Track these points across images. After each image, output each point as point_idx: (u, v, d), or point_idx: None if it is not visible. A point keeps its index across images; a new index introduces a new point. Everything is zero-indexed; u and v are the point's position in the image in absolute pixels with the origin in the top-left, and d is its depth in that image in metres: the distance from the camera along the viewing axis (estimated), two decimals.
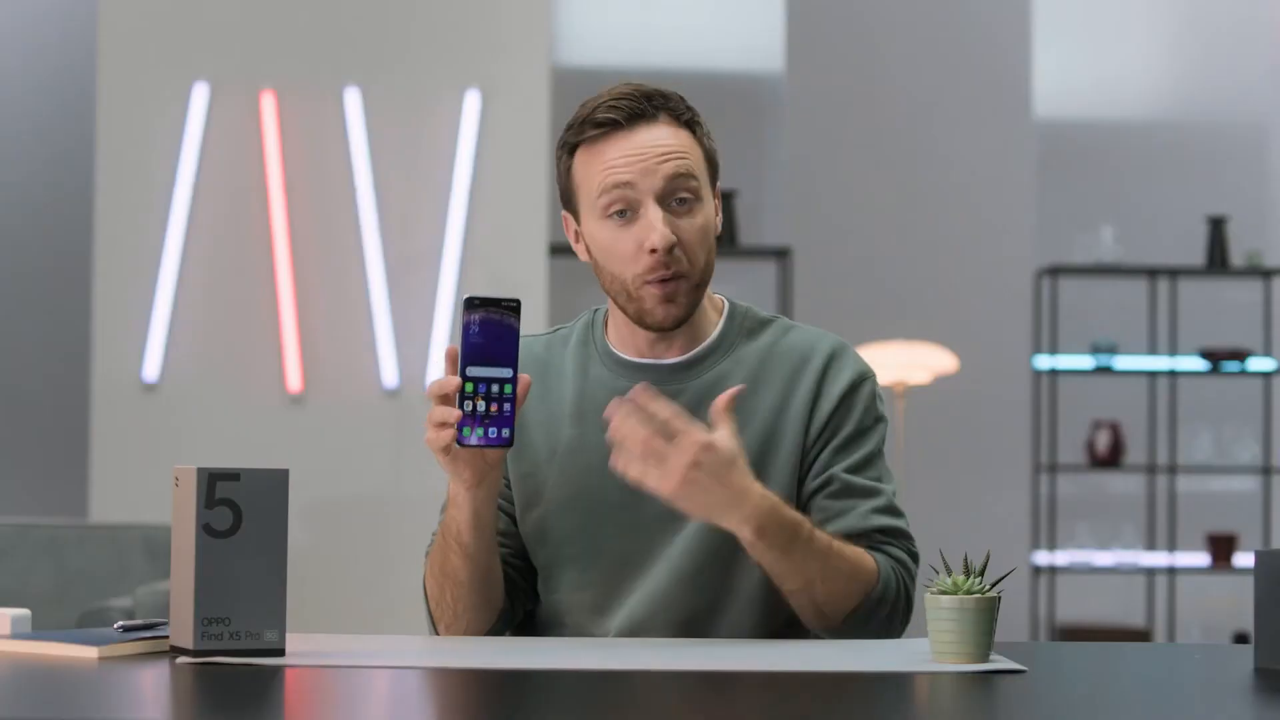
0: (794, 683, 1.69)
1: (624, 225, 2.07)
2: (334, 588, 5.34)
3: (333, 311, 5.46)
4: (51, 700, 1.57)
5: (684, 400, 2.12)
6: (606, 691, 1.66)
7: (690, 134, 2.11)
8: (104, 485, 5.39)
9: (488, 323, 1.89)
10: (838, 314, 6.68)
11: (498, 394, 1.90)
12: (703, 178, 2.10)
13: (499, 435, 1.90)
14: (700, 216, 2.09)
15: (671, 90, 2.13)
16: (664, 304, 2.08)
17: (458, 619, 2.09)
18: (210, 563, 1.76)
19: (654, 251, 2.05)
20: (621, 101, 2.08)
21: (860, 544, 2.07)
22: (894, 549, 2.09)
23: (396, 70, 5.52)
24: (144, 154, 5.45)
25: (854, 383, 2.14)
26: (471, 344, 1.89)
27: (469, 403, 1.89)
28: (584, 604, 2.11)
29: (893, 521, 2.11)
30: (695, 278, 2.08)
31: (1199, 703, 1.67)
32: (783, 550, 1.97)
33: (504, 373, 1.90)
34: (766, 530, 1.95)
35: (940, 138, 7.03)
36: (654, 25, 6.93)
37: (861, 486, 2.10)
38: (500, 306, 1.89)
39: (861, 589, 2.03)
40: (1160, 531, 7.06)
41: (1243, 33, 7.28)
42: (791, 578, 2.00)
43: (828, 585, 2.00)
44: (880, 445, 2.15)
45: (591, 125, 2.08)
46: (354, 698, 1.61)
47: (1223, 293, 7.16)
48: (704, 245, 2.09)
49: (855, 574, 2.02)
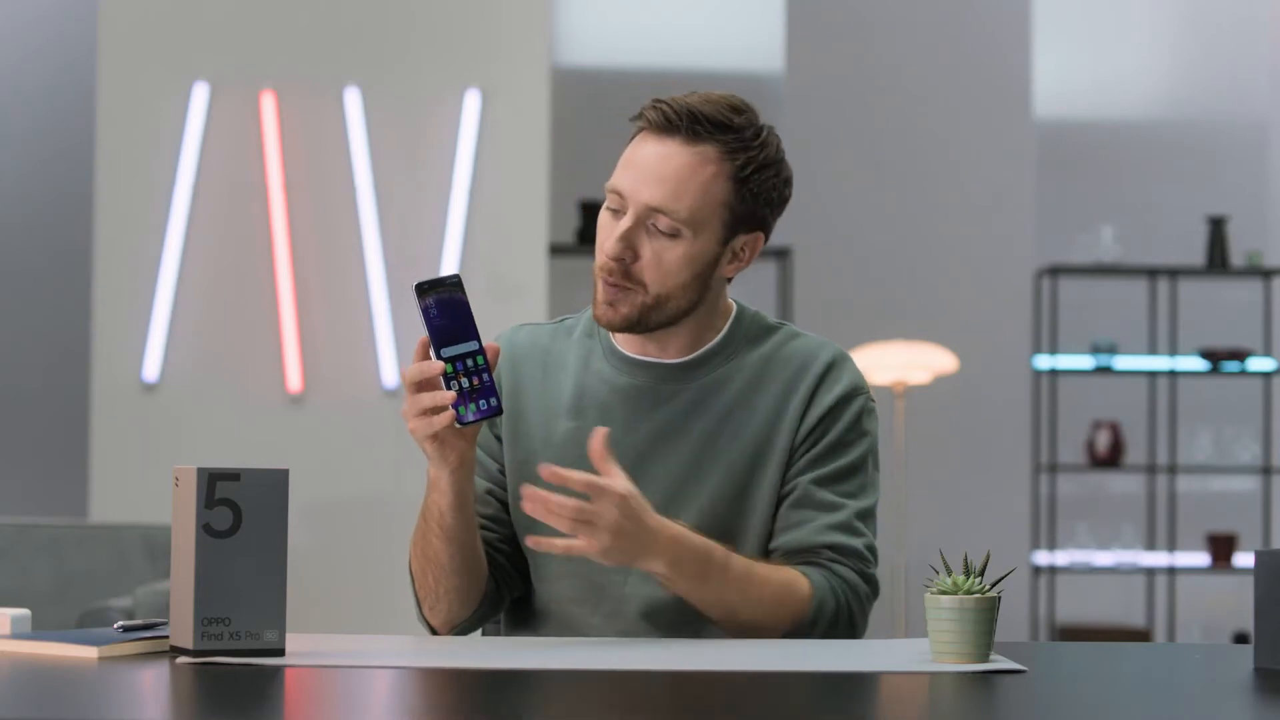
0: (794, 682, 1.69)
1: (612, 219, 2.09)
2: (334, 588, 5.34)
3: (333, 311, 5.46)
4: (51, 700, 1.57)
5: (681, 401, 2.13)
6: (605, 691, 1.66)
7: (729, 175, 2.05)
8: (104, 485, 5.39)
9: (441, 303, 1.93)
10: (838, 314, 6.68)
11: (473, 367, 1.93)
12: (704, 217, 2.05)
13: (490, 405, 1.94)
14: (680, 249, 2.05)
15: (757, 127, 2.06)
16: (604, 304, 2.08)
17: (440, 600, 2.09)
18: (210, 563, 1.76)
19: (604, 253, 2.07)
20: (668, 109, 2.05)
21: (804, 559, 2.06)
22: (842, 568, 2.06)
23: (396, 70, 5.52)
24: (144, 154, 5.45)
25: (845, 395, 2.12)
26: (435, 327, 1.92)
27: (454, 382, 1.92)
28: (571, 594, 2.12)
29: (846, 540, 2.08)
30: (649, 299, 2.06)
31: (1199, 703, 1.67)
32: (698, 579, 1.97)
33: (471, 345, 1.93)
34: (679, 562, 1.96)
35: (940, 138, 7.03)
36: (654, 25, 6.93)
37: (823, 500, 2.09)
38: (446, 285, 1.93)
39: (790, 613, 2.01)
40: (1160, 531, 7.06)
41: (1243, 33, 7.28)
42: (711, 607, 2.00)
43: (750, 610, 2.00)
44: (862, 461, 2.12)
45: (640, 114, 2.08)
46: (354, 698, 1.61)
47: (1223, 293, 7.16)
48: (668, 275, 2.05)
49: (782, 598, 2.01)
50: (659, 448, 2.11)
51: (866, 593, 2.07)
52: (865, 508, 2.11)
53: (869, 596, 2.08)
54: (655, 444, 2.12)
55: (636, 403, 2.13)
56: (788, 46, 6.89)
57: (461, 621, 2.12)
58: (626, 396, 2.14)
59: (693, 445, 2.11)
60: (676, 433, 2.12)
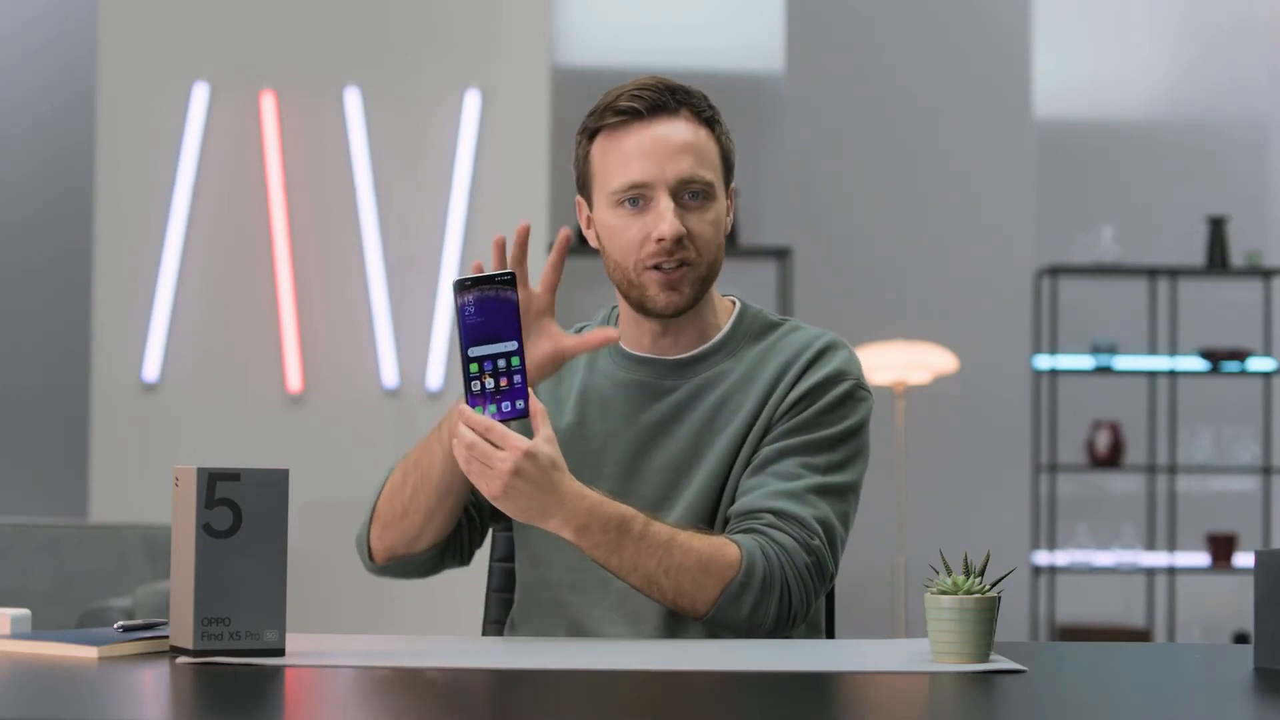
0: (793, 683, 1.69)
1: (635, 213, 2.10)
2: (334, 588, 5.34)
3: (333, 311, 5.46)
4: (51, 700, 1.57)
5: (678, 395, 2.15)
6: (605, 691, 1.66)
7: (709, 131, 2.13)
8: (104, 485, 5.39)
9: (483, 300, 1.89)
10: (838, 314, 6.68)
11: (505, 368, 1.90)
12: (717, 176, 2.13)
13: (513, 408, 1.91)
14: (712, 212, 2.12)
15: (695, 88, 2.15)
16: (666, 291, 2.10)
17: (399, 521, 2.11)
18: (210, 563, 1.76)
19: (661, 240, 2.08)
20: (645, 92, 2.11)
21: (745, 525, 2.04)
22: (779, 534, 2.03)
23: (396, 70, 5.52)
24: (144, 154, 5.45)
25: (831, 376, 2.13)
26: (469, 324, 1.89)
27: (475, 382, 1.90)
28: (570, 584, 2.13)
29: (793, 507, 2.05)
30: (703, 269, 2.11)
31: (1199, 703, 1.67)
32: (610, 548, 1.97)
33: (509, 346, 1.89)
34: (588, 529, 1.96)
35: (940, 138, 7.03)
36: (654, 25, 6.93)
37: (780, 469, 2.08)
38: (495, 283, 1.89)
39: (716, 580, 1.99)
40: (1160, 531, 7.06)
41: (1243, 33, 7.28)
42: (629, 574, 2.00)
43: (672, 578, 1.99)
44: (837, 439, 2.10)
45: (613, 112, 2.11)
46: (354, 698, 1.61)
47: (1223, 293, 7.16)
48: (714, 240, 2.12)
49: (707, 564, 1.99)
50: (657, 439, 2.14)
51: (807, 564, 2.02)
52: (829, 484, 2.08)
53: (810, 569, 2.02)
54: (654, 435, 2.14)
55: (636, 396, 2.16)
56: (788, 46, 6.89)
57: (404, 555, 2.13)
58: (627, 391, 2.16)
59: (689, 435, 2.13)
60: (674, 424, 2.14)
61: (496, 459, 1.89)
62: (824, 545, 2.05)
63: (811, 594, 2.04)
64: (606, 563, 1.99)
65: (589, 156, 2.14)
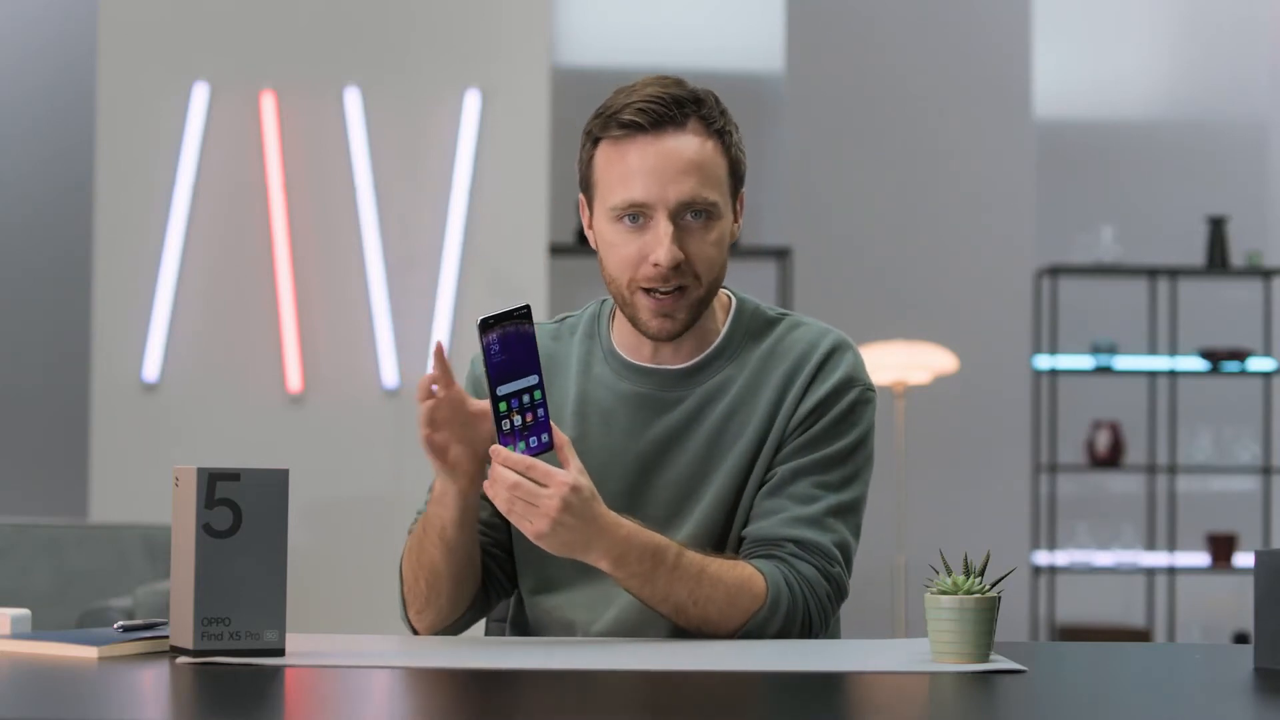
0: (793, 683, 1.69)
1: (633, 231, 2.05)
2: (334, 588, 5.34)
3: (333, 311, 5.46)
4: (51, 700, 1.57)
5: (683, 408, 2.11)
6: (604, 691, 1.66)
7: (717, 143, 2.06)
8: (104, 485, 5.39)
9: (505, 337, 1.87)
10: (838, 314, 6.66)
11: (529, 403, 1.89)
12: (723, 190, 2.06)
13: (540, 442, 1.89)
14: (714, 232, 2.05)
15: (707, 92, 2.08)
16: (658, 317, 2.06)
17: (428, 605, 2.07)
18: (210, 563, 1.76)
19: (657, 265, 2.03)
20: (651, 105, 2.03)
21: (767, 552, 2.03)
22: (803, 564, 2.03)
23: (396, 70, 5.52)
24: (144, 154, 5.45)
25: (841, 384, 2.10)
26: (495, 363, 1.87)
27: (506, 421, 1.88)
28: (575, 601, 2.10)
29: (814, 535, 2.04)
30: (700, 292, 2.06)
31: (1199, 703, 1.67)
32: (644, 577, 1.95)
33: (530, 380, 1.88)
34: (625, 559, 1.94)
35: (940, 138, 7.03)
36: (654, 25, 6.93)
37: (798, 490, 2.06)
38: (514, 318, 1.88)
39: (742, 612, 1.99)
40: (1160, 531, 7.06)
41: (1243, 33, 7.28)
42: (659, 603, 1.98)
43: (701, 609, 1.97)
44: (849, 450, 2.09)
45: (617, 125, 2.04)
46: (354, 698, 1.61)
47: (1223, 293, 7.16)
48: (716, 260, 2.06)
49: (734, 596, 1.98)
50: (664, 455, 2.10)
51: (828, 592, 2.03)
52: (844, 502, 2.07)
53: (831, 596, 2.04)
54: (660, 451, 2.10)
55: (640, 410, 2.11)
56: (788, 46, 6.89)
57: (445, 626, 2.11)
58: (630, 404, 2.12)
59: (697, 450, 2.09)
60: (681, 439, 2.10)
61: (543, 496, 1.86)
62: (843, 570, 2.06)
63: (829, 615, 2.05)
64: (639, 592, 1.97)
65: (592, 161, 2.08)
